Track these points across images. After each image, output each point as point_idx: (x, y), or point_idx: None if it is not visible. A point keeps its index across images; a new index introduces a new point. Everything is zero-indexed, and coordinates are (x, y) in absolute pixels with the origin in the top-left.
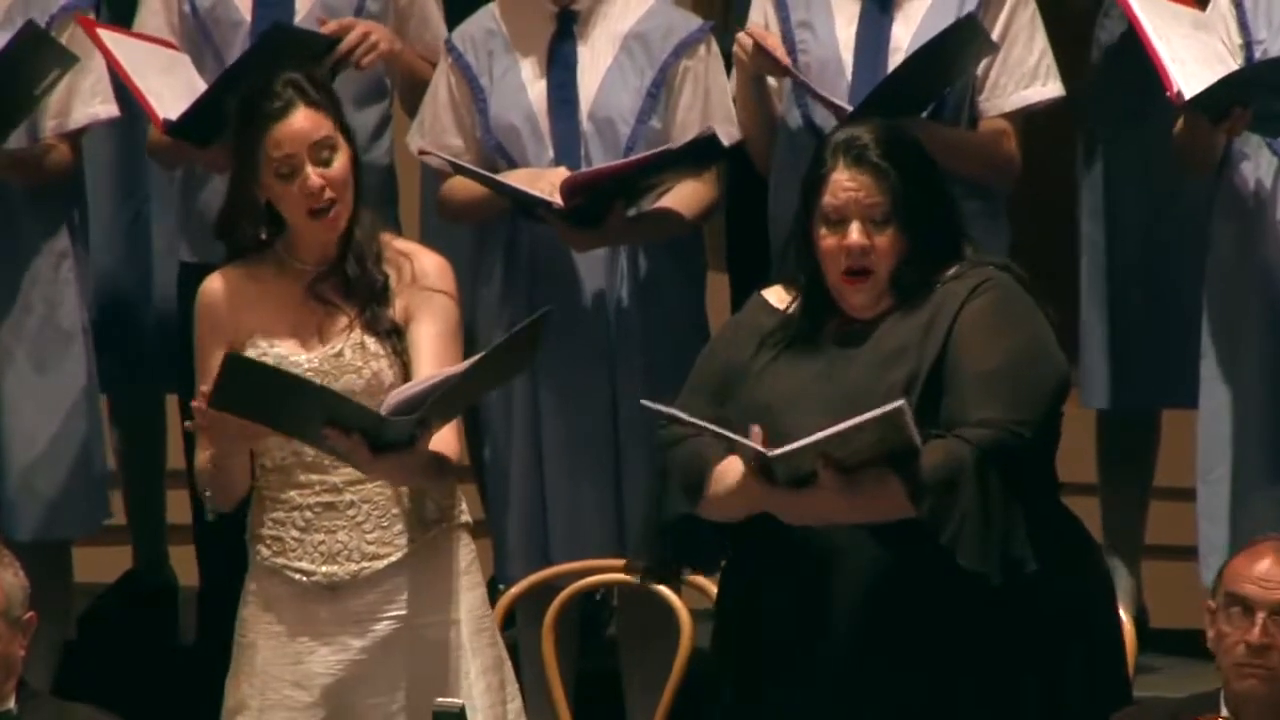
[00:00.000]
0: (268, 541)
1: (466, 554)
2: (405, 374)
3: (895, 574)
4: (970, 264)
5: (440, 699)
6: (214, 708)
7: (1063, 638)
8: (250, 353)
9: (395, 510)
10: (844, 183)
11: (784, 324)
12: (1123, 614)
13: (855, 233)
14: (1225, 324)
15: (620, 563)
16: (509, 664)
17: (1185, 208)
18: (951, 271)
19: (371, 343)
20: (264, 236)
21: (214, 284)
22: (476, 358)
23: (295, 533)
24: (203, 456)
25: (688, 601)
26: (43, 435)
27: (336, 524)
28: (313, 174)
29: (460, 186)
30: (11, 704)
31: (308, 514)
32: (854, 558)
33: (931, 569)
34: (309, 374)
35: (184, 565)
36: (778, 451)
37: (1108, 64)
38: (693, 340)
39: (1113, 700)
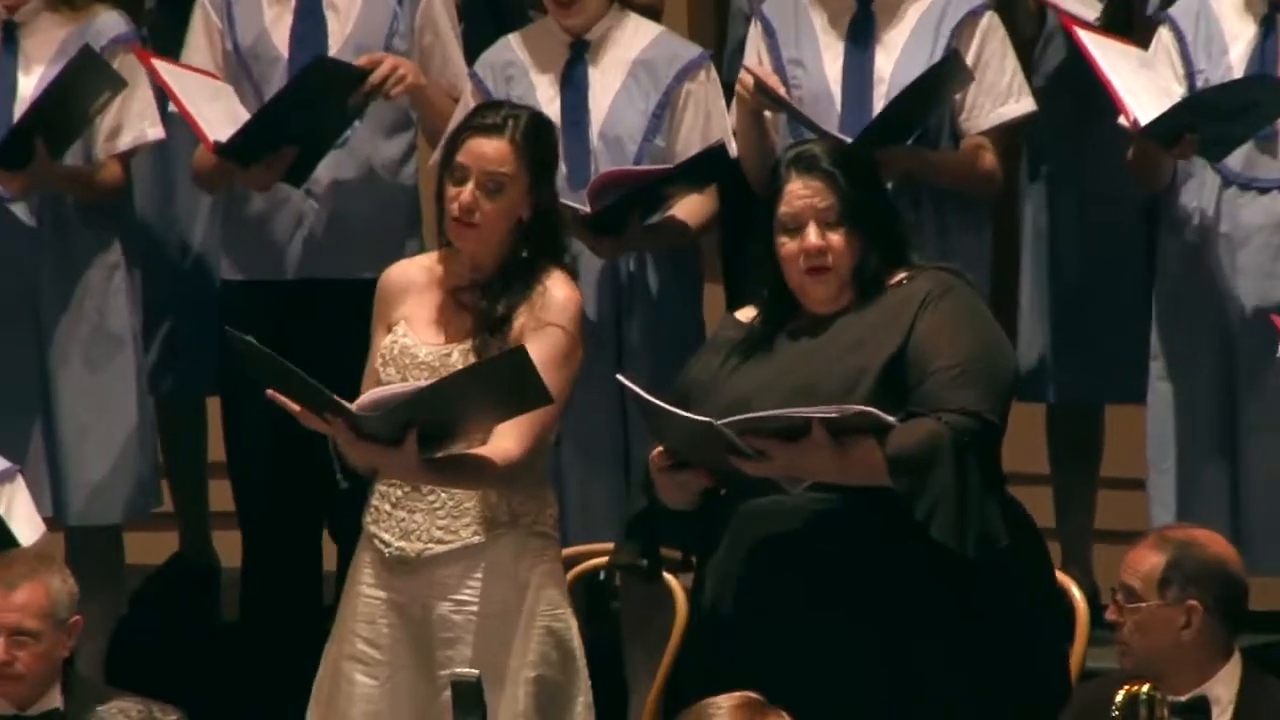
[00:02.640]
0: (371, 510)
1: (537, 559)
2: None
3: (854, 539)
4: (919, 268)
5: (458, 669)
6: (252, 678)
7: (1009, 604)
8: (391, 335)
9: (468, 504)
10: (798, 191)
11: (749, 333)
12: (1076, 592)
13: (812, 234)
14: (1174, 329)
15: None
16: (580, 665)
17: (1120, 219)
18: (901, 275)
19: (474, 358)
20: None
21: (393, 271)
22: (444, 377)
23: (387, 506)
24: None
25: (683, 582)
26: (95, 430)
27: (417, 506)
28: (468, 191)
29: None
30: (58, 701)
31: (398, 492)
32: (811, 515)
33: (894, 536)
34: (422, 363)
35: (226, 548)
36: (723, 422)
37: (1049, 88)
38: (690, 343)
39: (1051, 658)
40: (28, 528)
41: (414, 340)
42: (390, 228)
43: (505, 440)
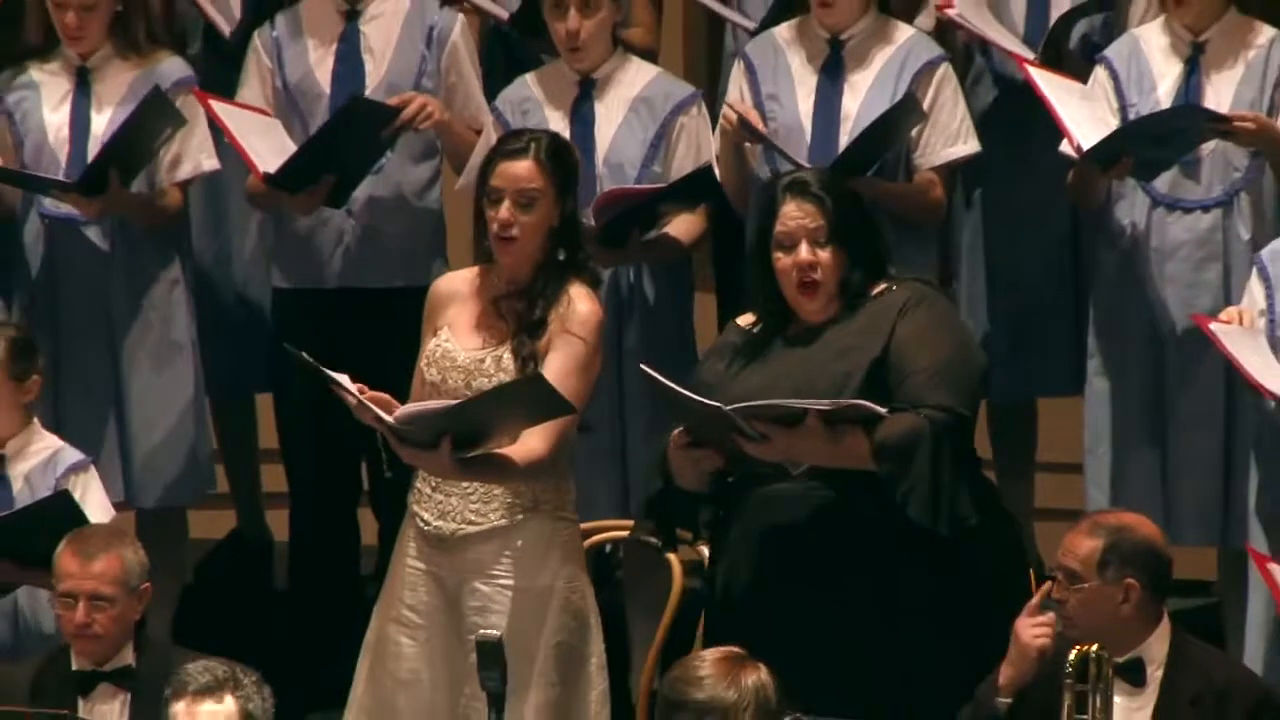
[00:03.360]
0: (414, 491)
1: (558, 540)
2: None
3: (842, 518)
4: (897, 280)
5: (482, 630)
6: (300, 640)
7: (981, 575)
8: (435, 339)
9: (497, 491)
10: (792, 212)
11: (751, 338)
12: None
13: (804, 251)
14: (1109, 331)
15: (624, 522)
16: (594, 630)
17: (1048, 237)
18: (882, 287)
19: (508, 360)
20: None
21: (441, 282)
22: (471, 398)
23: (428, 489)
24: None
25: (680, 555)
26: (160, 425)
27: (453, 490)
28: (504, 210)
29: None
30: (130, 659)
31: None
32: (809, 504)
33: (883, 523)
34: (459, 366)
35: (277, 525)
36: (734, 407)
37: (982, 122)
38: (682, 346)
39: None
40: (100, 513)
41: (454, 345)
42: (418, 243)
43: (533, 440)
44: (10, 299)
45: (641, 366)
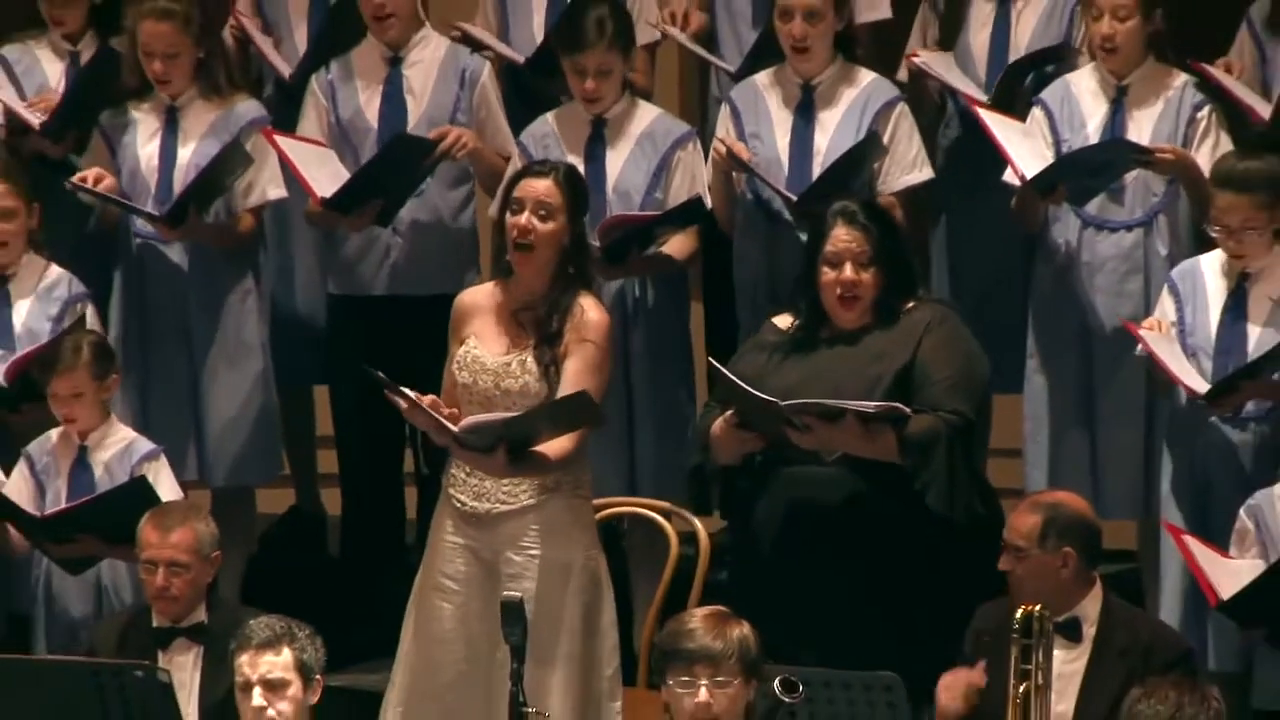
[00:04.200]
0: (450, 475)
1: (577, 515)
2: (550, 390)
3: (867, 499)
4: (924, 300)
5: (506, 592)
6: (350, 601)
7: (976, 556)
8: (464, 346)
9: None
10: (841, 236)
11: (788, 337)
12: None
13: (849, 270)
14: (1046, 335)
15: (628, 499)
16: (607, 592)
17: (1003, 254)
18: (911, 304)
19: (532, 364)
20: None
21: (464, 296)
22: (525, 412)
23: (463, 475)
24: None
25: (675, 526)
26: (234, 415)
27: (486, 476)
28: (524, 217)
29: None
30: (203, 616)
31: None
32: (839, 486)
33: (898, 507)
34: (488, 369)
35: (331, 502)
36: (787, 403)
37: (948, 158)
38: (680, 349)
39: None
40: (170, 495)
41: (483, 351)
42: (454, 257)
43: (564, 440)
44: (106, 305)
45: (710, 361)
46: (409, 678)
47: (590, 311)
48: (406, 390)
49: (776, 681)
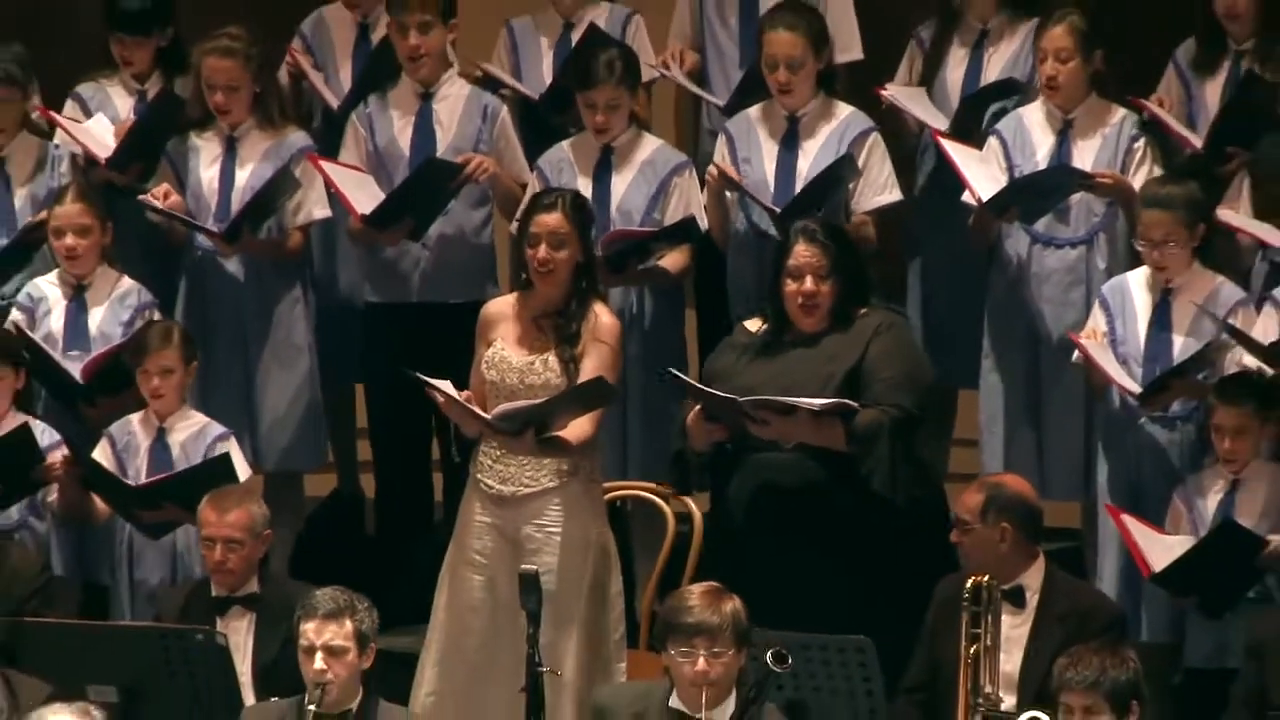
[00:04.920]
0: (478, 462)
1: (590, 497)
2: (570, 384)
3: (824, 488)
4: (875, 307)
5: (523, 565)
6: (386, 572)
7: (916, 530)
8: (491, 349)
9: (545, 462)
10: (802, 252)
11: (756, 339)
12: None
13: (809, 283)
14: (999, 339)
15: (627, 483)
16: (615, 565)
17: (967, 269)
18: (864, 311)
19: (554, 363)
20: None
21: (490, 306)
22: (550, 398)
23: (489, 462)
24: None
25: (672, 507)
26: (284, 409)
27: (511, 461)
28: (542, 250)
29: None
30: (256, 587)
31: (496, 452)
32: (797, 470)
33: (848, 489)
34: (515, 368)
35: (369, 486)
36: (744, 399)
37: (925, 186)
38: (676, 353)
39: (937, 558)
40: (242, 472)
41: (509, 353)
42: (475, 268)
43: (583, 424)
44: (170, 312)
45: (672, 371)
46: (443, 641)
47: (603, 316)
48: (442, 386)
49: (769, 654)
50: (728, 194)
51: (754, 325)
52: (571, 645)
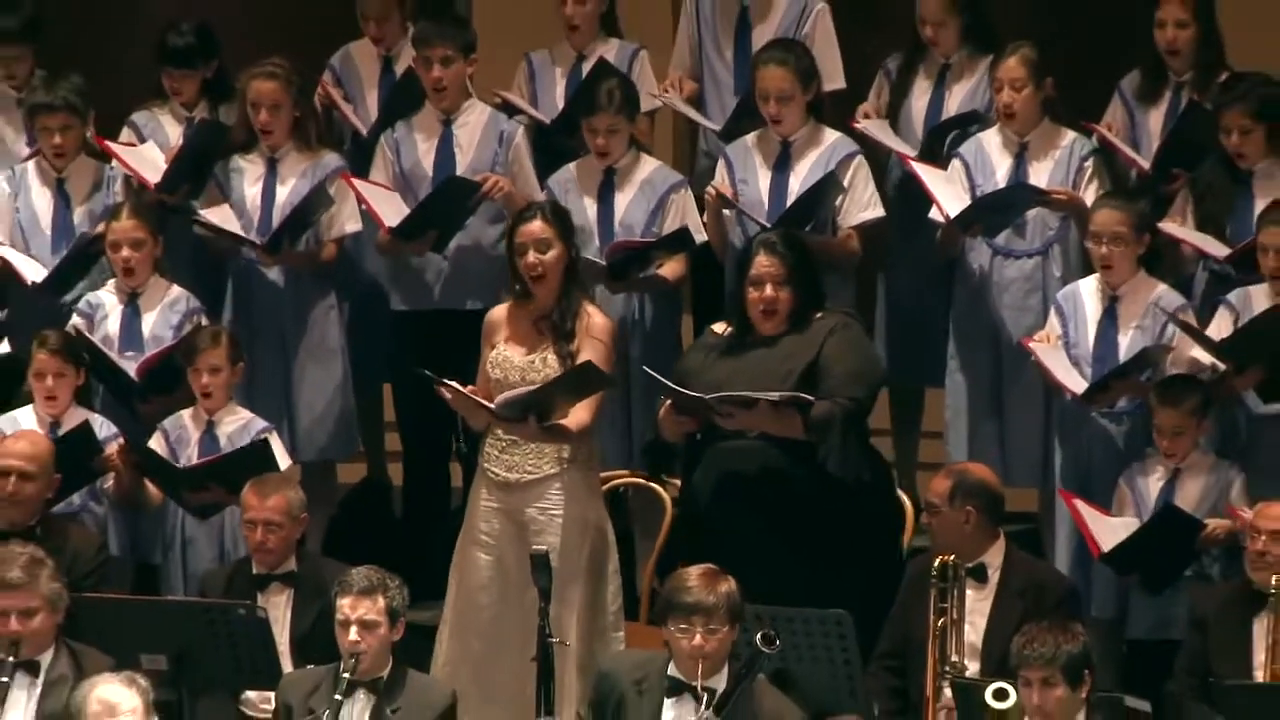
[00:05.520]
0: (485, 449)
1: (589, 483)
2: None
3: (784, 471)
4: (829, 311)
5: (534, 545)
6: (412, 551)
7: (868, 512)
8: (496, 350)
9: (548, 450)
10: (762, 262)
11: (722, 341)
12: (908, 502)
13: (768, 289)
14: (963, 341)
15: (611, 471)
16: (612, 545)
17: (934, 280)
18: (819, 315)
19: (553, 360)
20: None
21: (493, 313)
22: (545, 383)
23: (496, 452)
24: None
25: (670, 492)
26: (320, 405)
27: (515, 450)
28: (530, 256)
29: None
30: (293, 565)
31: (503, 443)
32: (759, 457)
33: (807, 472)
34: (518, 366)
35: (396, 475)
36: (711, 395)
37: (900, 199)
38: (673, 354)
39: (892, 545)
40: (283, 460)
41: (511, 353)
42: (490, 278)
43: (582, 413)
44: (216, 317)
45: (644, 368)
46: (457, 615)
47: (596, 316)
48: (450, 382)
49: (758, 636)
50: (725, 212)
51: (720, 328)
52: (573, 617)
